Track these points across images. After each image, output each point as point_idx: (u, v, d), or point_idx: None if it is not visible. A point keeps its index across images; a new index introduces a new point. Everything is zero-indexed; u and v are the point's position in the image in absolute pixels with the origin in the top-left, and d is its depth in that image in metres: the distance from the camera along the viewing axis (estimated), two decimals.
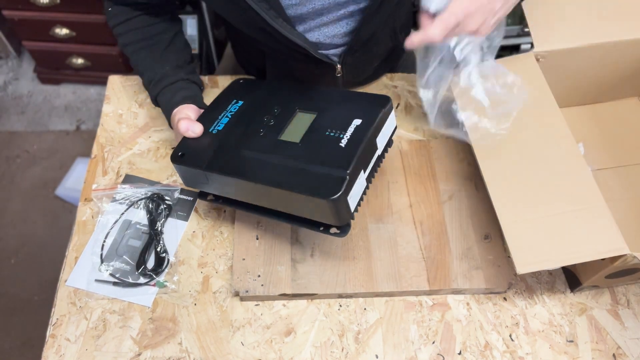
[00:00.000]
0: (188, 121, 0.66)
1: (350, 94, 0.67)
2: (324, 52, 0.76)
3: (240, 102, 0.69)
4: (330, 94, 0.67)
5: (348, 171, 0.54)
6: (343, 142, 0.58)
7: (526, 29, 1.59)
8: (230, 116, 0.67)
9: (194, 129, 0.65)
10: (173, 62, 0.75)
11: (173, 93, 0.73)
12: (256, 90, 0.71)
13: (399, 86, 0.91)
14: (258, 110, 0.67)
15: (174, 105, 0.72)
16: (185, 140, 0.66)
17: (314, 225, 0.61)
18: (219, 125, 0.66)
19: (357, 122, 0.60)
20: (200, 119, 0.68)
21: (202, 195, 0.70)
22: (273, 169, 0.58)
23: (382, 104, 0.61)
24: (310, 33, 0.73)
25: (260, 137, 0.62)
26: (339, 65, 0.78)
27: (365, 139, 0.58)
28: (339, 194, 0.53)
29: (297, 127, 0.62)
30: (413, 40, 0.60)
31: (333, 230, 0.60)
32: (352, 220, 0.60)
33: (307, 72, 0.81)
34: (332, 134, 0.59)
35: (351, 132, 0.59)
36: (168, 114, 0.73)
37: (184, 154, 0.64)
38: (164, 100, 0.74)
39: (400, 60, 0.96)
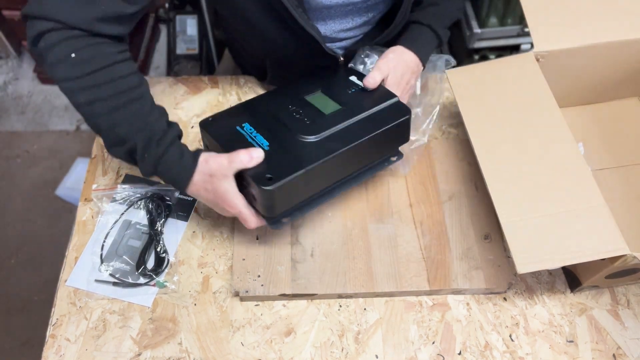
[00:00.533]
0: (244, 152, 0.59)
1: (324, 72, 0.77)
2: (329, 44, 0.77)
3: (246, 124, 0.67)
4: (306, 79, 0.76)
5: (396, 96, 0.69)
6: (363, 84, 0.71)
7: (526, 29, 1.59)
8: (257, 134, 0.65)
9: (257, 154, 0.59)
10: (156, 111, 0.63)
11: (180, 150, 0.62)
12: (244, 112, 0.71)
13: None
14: (274, 117, 0.68)
15: (193, 162, 0.60)
16: (258, 179, 0.59)
17: (382, 163, 0.71)
18: (262, 144, 0.63)
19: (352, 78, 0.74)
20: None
21: (276, 221, 0.65)
22: (347, 132, 0.65)
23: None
24: (318, 26, 0.74)
25: (308, 124, 0.66)
26: (342, 58, 0.79)
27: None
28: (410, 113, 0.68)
29: (324, 102, 0.70)
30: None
31: (393, 158, 0.72)
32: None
33: (310, 65, 0.81)
34: (352, 89, 0.71)
35: (358, 76, 0.74)
36: (187, 174, 0.61)
37: (279, 184, 0.58)
38: (171, 161, 0.60)
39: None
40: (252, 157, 0.59)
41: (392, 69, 0.73)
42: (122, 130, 0.60)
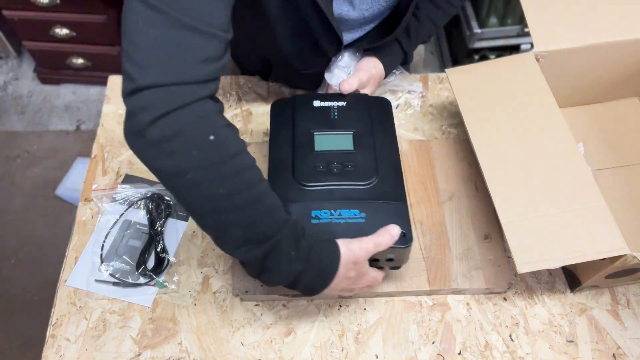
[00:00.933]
0: (384, 233, 0.57)
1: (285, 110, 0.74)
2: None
3: (317, 212, 0.62)
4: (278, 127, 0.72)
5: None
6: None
7: (526, 29, 1.59)
8: (340, 210, 0.63)
9: (395, 231, 0.58)
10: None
11: (322, 240, 0.55)
12: (291, 198, 0.63)
13: (399, 86, 0.91)
14: (324, 189, 0.64)
15: (337, 251, 0.54)
16: (399, 241, 0.59)
17: None
18: (355, 215, 0.62)
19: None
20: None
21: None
22: (384, 155, 0.69)
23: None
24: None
25: (355, 170, 0.65)
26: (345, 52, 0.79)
27: None
28: None
29: (333, 140, 0.69)
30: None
31: None
32: None
33: (314, 67, 0.81)
34: (334, 112, 0.72)
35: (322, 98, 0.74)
36: (335, 266, 0.54)
37: (411, 234, 0.61)
38: (321, 250, 0.54)
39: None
40: (393, 236, 0.58)
41: (367, 81, 0.76)
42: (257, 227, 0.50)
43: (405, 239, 0.60)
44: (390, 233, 0.58)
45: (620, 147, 0.84)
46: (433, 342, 0.66)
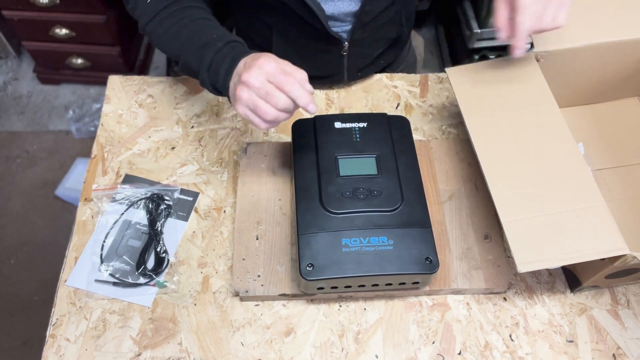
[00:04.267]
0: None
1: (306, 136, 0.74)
2: (333, 28, 0.78)
3: (347, 240, 0.64)
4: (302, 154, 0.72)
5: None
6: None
7: None
8: (369, 238, 0.65)
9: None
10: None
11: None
12: (322, 226, 0.66)
13: (399, 86, 0.91)
14: (352, 217, 0.66)
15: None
16: (423, 267, 0.62)
17: None
18: (383, 242, 0.64)
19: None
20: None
21: None
22: (408, 180, 0.71)
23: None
24: (324, 4, 0.74)
25: (380, 196, 0.67)
26: (346, 43, 0.79)
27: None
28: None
29: (357, 164, 0.70)
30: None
31: None
32: None
33: (315, 49, 0.81)
34: (356, 133, 0.73)
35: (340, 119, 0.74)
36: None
37: (436, 254, 0.64)
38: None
39: (401, 56, 0.98)
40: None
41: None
42: (189, 35, 0.66)
43: (432, 265, 0.62)
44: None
45: (620, 147, 0.84)
46: (433, 342, 0.66)
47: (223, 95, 0.64)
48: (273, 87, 0.56)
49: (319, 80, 0.88)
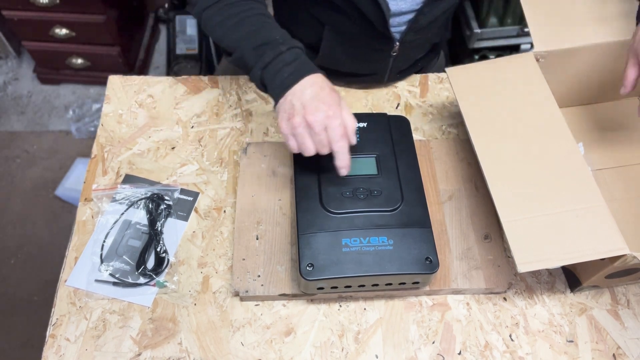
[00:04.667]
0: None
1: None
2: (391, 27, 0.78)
3: (346, 239, 0.64)
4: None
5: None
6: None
7: (526, 29, 1.59)
8: (369, 238, 0.64)
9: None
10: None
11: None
12: (322, 226, 0.66)
13: (398, 86, 0.91)
14: (353, 217, 0.66)
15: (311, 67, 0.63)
16: (424, 267, 0.63)
17: None
18: (383, 242, 0.64)
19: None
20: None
21: None
22: (408, 180, 0.71)
23: None
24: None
25: (380, 196, 0.68)
26: (397, 44, 0.80)
27: None
28: None
29: (356, 164, 0.69)
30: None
31: None
32: None
33: (366, 47, 0.82)
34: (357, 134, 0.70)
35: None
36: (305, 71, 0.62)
37: (436, 254, 0.64)
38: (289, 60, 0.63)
39: (434, 60, 1.01)
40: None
41: None
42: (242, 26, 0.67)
43: (432, 265, 0.62)
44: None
45: (620, 147, 0.84)
46: (433, 342, 0.66)
47: (267, 93, 0.65)
48: (326, 138, 0.60)
49: (359, 77, 0.88)
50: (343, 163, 0.62)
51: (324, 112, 0.59)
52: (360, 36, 0.80)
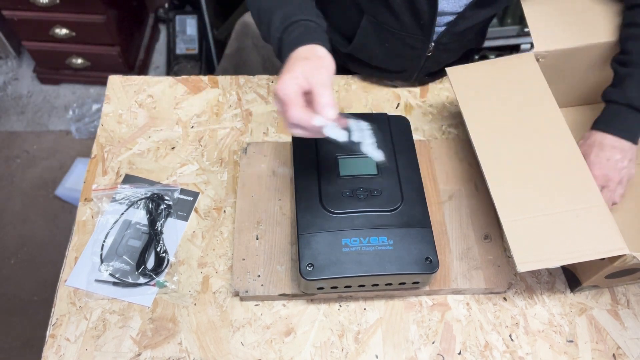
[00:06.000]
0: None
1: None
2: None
3: (347, 240, 0.64)
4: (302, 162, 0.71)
5: None
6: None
7: (526, 29, 1.59)
8: (369, 238, 0.65)
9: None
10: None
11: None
12: (323, 227, 0.65)
13: (398, 86, 0.91)
14: (354, 216, 0.66)
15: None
16: (424, 267, 0.63)
17: None
18: (383, 242, 0.64)
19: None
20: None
21: None
22: (409, 180, 0.71)
23: None
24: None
25: (380, 196, 0.67)
26: (432, 44, 0.80)
27: None
28: None
29: (357, 163, 0.70)
30: None
31: None
32: None
33: (402, 43, 0.81)
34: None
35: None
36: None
37: (435, 254, 0.64)
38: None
39: None
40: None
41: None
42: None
43: (432, 265, 0.62)
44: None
45: None
46: (433, 342, 0.66)
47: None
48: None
49: (388, 73, 0.88)
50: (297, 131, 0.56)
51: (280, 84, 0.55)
52: (399, 30, 0.79)
